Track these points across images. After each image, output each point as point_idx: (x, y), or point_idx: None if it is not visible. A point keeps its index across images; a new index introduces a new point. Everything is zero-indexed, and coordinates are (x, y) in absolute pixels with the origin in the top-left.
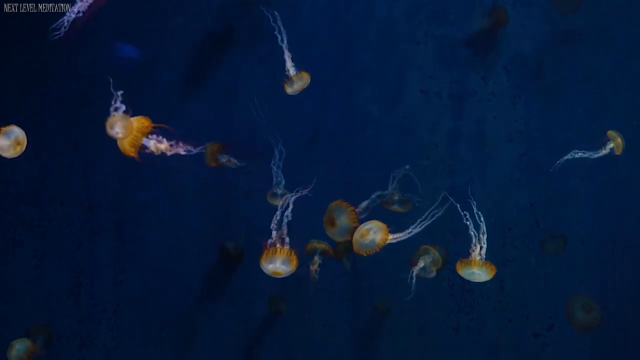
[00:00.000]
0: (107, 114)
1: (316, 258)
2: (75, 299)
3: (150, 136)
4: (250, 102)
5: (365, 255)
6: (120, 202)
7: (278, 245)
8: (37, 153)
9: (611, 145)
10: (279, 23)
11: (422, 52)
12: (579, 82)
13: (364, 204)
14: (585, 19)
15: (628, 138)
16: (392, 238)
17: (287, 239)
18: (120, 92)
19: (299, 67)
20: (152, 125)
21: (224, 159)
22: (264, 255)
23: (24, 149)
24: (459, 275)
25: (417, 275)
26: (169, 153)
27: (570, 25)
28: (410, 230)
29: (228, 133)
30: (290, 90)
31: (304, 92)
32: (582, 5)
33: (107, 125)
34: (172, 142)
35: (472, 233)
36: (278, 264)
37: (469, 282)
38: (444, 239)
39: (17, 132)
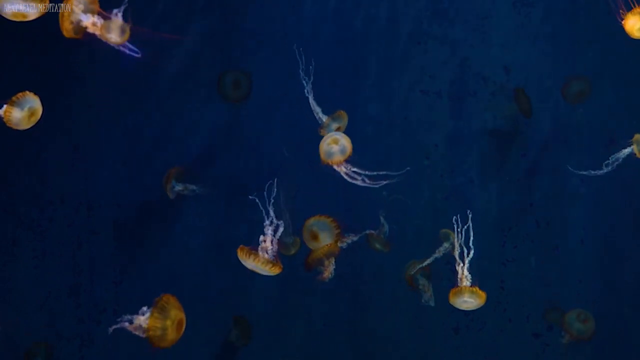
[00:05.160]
0: (108, 114)
1: (327, 262)
2: (75, 299)
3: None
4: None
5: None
6: (120, 202)
7: (260, 251)
8: (37, 153)
9: (633, 147)
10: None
11: (422, 52)
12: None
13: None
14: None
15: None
16: (344, 167)
17: (274, 243)
18: (126, 2)
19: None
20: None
21: (179, 187)
22: (241, 253)
23: (38, 117)
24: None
25: (417, 297)
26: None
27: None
28: (361, 176)
29: (228, 137)
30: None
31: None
32: None
33: (104, 27)
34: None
35: (457, 255)
36: (254, 265)
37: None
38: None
39: (30, 100)
